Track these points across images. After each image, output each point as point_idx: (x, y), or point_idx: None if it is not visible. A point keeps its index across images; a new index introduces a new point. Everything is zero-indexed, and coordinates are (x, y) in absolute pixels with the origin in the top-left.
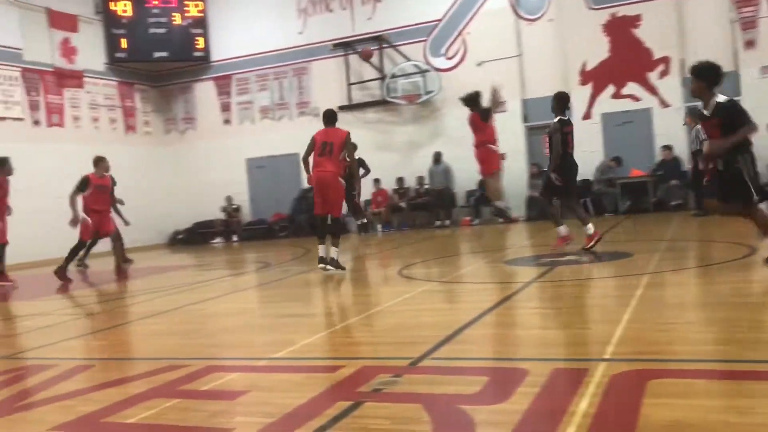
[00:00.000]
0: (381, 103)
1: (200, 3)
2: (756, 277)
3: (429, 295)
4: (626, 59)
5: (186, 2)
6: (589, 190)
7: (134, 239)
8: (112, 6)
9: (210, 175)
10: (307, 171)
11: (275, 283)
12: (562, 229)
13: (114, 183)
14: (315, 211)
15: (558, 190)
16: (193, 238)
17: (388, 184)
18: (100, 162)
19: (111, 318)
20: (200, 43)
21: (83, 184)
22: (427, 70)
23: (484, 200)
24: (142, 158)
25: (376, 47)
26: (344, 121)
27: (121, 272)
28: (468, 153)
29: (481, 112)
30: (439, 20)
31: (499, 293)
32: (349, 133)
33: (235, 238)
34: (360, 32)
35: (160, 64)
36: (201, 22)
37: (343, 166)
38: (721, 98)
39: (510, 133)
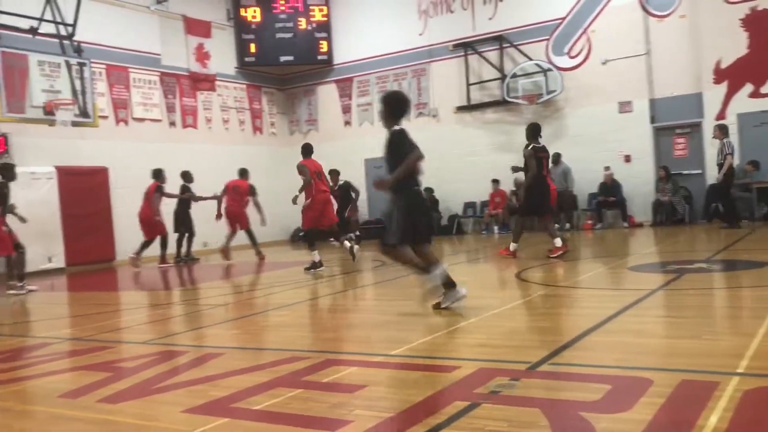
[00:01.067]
0: (501, 103)
1: (324, 8)
2: None
3: (547, 299)
4: (766, 55)
5: (311, 7)
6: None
7: (259, 234)
8: (242, 12)
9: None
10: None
11: (391, 281)
12: (558, 241)
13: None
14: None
15: (533, 209)
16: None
17: (507, 186)
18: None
19: (239, 309)
20: (324, 46)
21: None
22: (549, 69)
23: (606, 204)
24: (267, 158)
25: (495, 47)
26: (463, 122)
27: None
28: (590, 154)
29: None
30: (563, 18)
31: (622, 300)
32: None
33: (352, 236)
34: (481, 32)
35: (286, 67)
36: (325, 27)
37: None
38: None
39: (636, 135)
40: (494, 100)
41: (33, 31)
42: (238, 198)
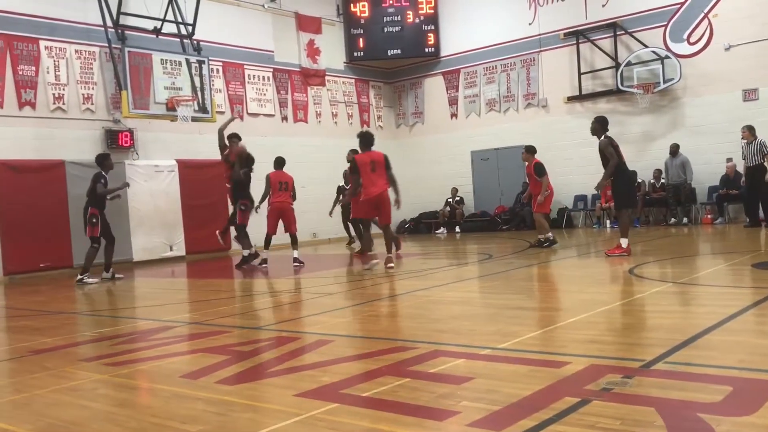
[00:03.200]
0: (614, 93)
1: (432, 0)
2: None
3: (663, 296)
4: None
5: (419, 0)
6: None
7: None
8: (352, 7)
9: (435, 168)
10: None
11: (498, 275)
12: (624, 241)
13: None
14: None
15: (624, 200)
16: (418, 227)
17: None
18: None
19: (348, 298)
20: (431, 39)
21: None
22: (666, 57)
23: (728, 198)
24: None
25: (609, 35)
26: (574, 112)
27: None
28: (710, 145)
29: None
30: (682, 3)
31: (746, 298)
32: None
33: (457, 229)
34: (593, 20)
35: (394, 61)
36: (433, 19)
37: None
38: None
39: (763, 124)
40: (607, 90)
41: (156, 31)
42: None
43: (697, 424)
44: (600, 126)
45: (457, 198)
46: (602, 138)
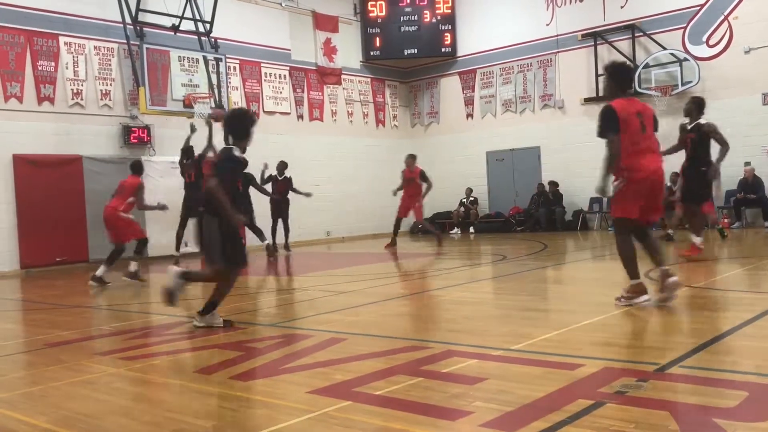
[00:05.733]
0: (631, 95)
1: (449, 0)
2: None
3: (679, 300)
4: None
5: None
6: None
7: (380, 225)
8: (369, 6)
9: (450, 168)
10: None
11: (512, 276)
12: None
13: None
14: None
15: (690, 195)
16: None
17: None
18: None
19: (360, 297)
20: (448, 39)
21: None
22: (685, 59)
23: (745, 202)
24: (389, 150)
25: (627, 37)
26: (590, 113)
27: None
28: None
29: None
30: (702, 5)
31: (763, 303)
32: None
33: (471, 229)
34: (611, 21)
35: (410, 60)
36: (450, 19)
37: None
38: None
39: None
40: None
41: (174, 28)
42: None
43: (712, 429)
44: (696, 108)
45: (471, 198)
46: (706, 122)
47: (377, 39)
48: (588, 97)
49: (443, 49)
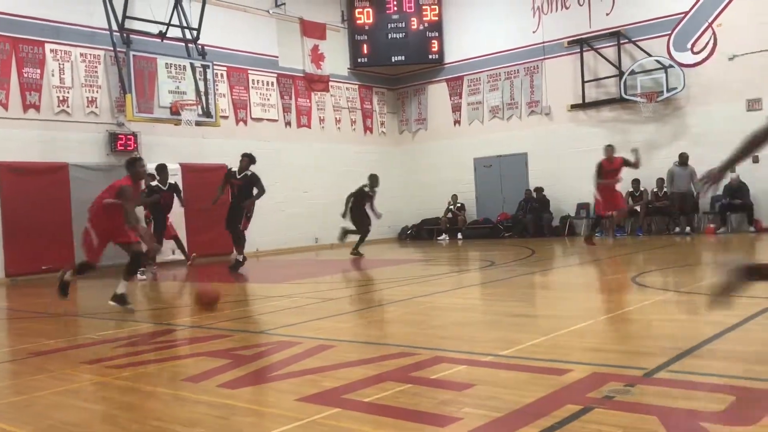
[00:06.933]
0: (617, 101)
1: (436, 7)
2: None
3: (666, 305)
4: None
5: (423, 7)
6: None
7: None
8: (356, 14)
9: (438, 174)
10: None
11: (500, 282)
12: None
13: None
14: None
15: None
16: (420, 234)
17: (623, 187)
18: None
19: (348, 304)
20: (435, 45)
21: None
22: (670, 66)
23: (731, 207)
24: (377, 157)
25: (613, 43)
26: (577, 120)
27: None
28: (713, 154)
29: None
30: (686, 12)
31: (748, 308)
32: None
33: (459, 236)
34: (597, 28)
35: (397, 67)
36: (437, 26)
37: None
38: None
39: None
40: (610, 98)
41: (161, 35)
42: None
43: None
44: None
45: (458, 205)
46: None
47: (365, 46)
48: (574, 104)
49: (430, 56)
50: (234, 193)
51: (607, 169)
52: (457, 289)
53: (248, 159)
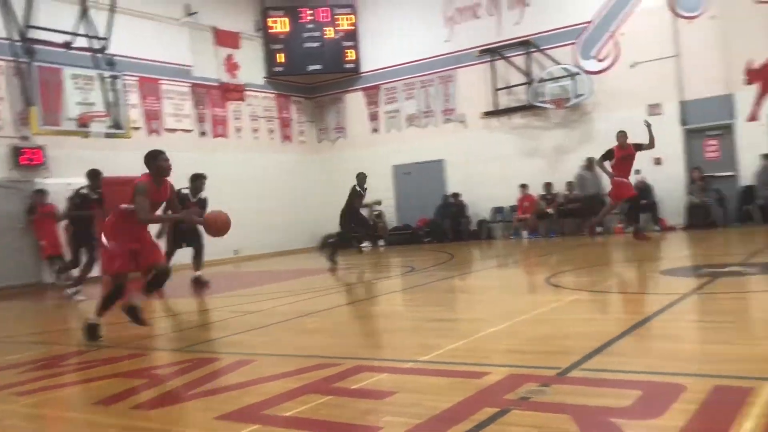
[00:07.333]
0: (528, 108)
1: (351, 17)
2: None
3: (578, 304)
4: None
5: (338, 17)
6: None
7: (289, 241)
8: (270, 23)
9: None
10: None
11: (420, 287)
12: None
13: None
14: None
15: None
16: (343, 242)
17: (535, 190)
18: None
19: (269, 316)
20: (351, 55)
21: None
22: (576, 73)
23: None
24: (297, 166)
25: (522, 52)
26: (490, 127)
27: None
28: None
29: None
30: (590, 22)
31: (654, 304)
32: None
33: (381, 242)
34: (507, 37)
35: (314, 76)
36: (352, 35)
37: None
38: None
39: (667, 137)
40: (521, 105)
41: (67, 45)
42: None
43: (609, 429)
44: None
45: (375, 212)
46: None
47: (280, 55)
48: (487, 111)
49: (346, 66)
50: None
51: (618, 156)
52: (378, 296)
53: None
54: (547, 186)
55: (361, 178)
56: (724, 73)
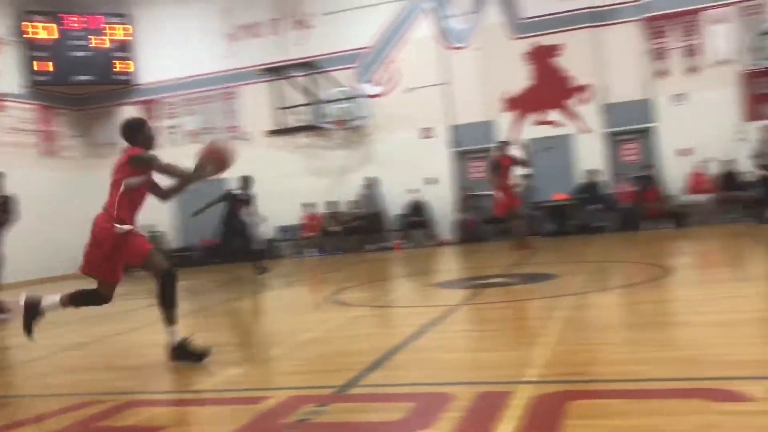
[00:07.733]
0: (312, 128)
1: (128, 26)
2: (669, 296)
3: (360, 320)
4: (548, 86)
5: (111, 25)
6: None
7: (52, 267)
8: (29, 28)
9: None
10: None
11: (200, 311)
12: None
13: None
14: None
15: None
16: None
17: (321, 208)
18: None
19: (28, 351)
20: (123, 65)
21: None
22: (356, 96)
23: (414, 224)
24: (62, 183)
25: (305, 73)
26: (275, 146)
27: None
28: (397, 177)
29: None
30: (370, 47)
31: (428, 316)
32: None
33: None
34: (290, 57)
35: (84, 87)
36: (125, 46)
37: None
38: None
39: (437, 159)
40: (305, 125)
41: None
42: None
43: None
44: None
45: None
46: None
47: (43, 63)
48: (272, 130)
49: (117, 77)
50: None
51: (504, 166)
52: (152, 324)
53: None
54: (332, 204)
55: (247, 181)
56: (486, 100)
